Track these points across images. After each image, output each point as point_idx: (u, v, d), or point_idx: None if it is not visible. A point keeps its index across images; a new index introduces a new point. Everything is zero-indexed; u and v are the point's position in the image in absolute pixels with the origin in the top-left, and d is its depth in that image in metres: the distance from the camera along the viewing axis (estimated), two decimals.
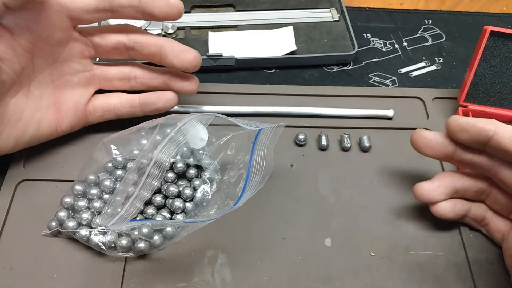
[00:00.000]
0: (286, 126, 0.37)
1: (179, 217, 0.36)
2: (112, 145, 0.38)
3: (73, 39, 0.36)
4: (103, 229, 0.34)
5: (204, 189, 0.37)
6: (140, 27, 0.49)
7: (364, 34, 0.53)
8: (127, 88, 0.40)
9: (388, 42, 0.53)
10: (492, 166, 0.32)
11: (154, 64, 0.39)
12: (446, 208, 0.35)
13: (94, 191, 0.36)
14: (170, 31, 0.49)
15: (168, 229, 0.35)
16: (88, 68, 0.38)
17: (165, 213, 0.36)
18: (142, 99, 0.40)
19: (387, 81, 0.49)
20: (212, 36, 0.50)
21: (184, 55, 0.37)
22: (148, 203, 0.36)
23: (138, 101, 0.40)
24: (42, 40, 0.34)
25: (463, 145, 0.33)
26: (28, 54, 0.34)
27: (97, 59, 0.46)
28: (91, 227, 0.34)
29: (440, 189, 0.34)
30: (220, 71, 0.48)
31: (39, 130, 0.37)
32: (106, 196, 0.36)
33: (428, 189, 0.35)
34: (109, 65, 0.40)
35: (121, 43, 0.37)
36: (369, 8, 0.56)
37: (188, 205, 0.36)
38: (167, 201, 0.37)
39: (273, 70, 0.49)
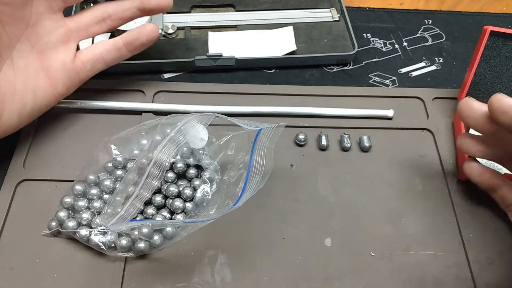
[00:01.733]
0: (286, 126, 0.37)
1: (179, 217, 0.36)
2: (112, 145, 0.38)
3: None
4: (103, 229, 0.34)
5: (204, 189, 0.37)
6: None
7: (364, 34, 0.53)
8: (106, 29, 0.40)
9: (388, 42, 0.53)
10: None
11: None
12: (476, 171, 0.34)
13: (94, 191, 0.36)
14: (170, 31, 0.49)
15: (168, 229, 0.35)
16: (61, 23, 0.38)
17: (165, 213, 0.36)
18: (124, 38, 0.40)
19: (387, 81, 0.49)
20: (212, 36, 0.50)
21: None
22: (148, 203, 0.36)
23: (121, 42, 0.40)
24: (5, 4, 0.34)
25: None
26: None
27: None
28: (91, 227, 0.34)
29: (480, 147, 0.33)
30: (220, 71, 0.48)
31: (36, 99, 0.37)
32: (106, 196, 0.36)
33: (470, 143, 0.34)
34: (80, 13, 0.40)
35: None
36: (369, 8, 0.56)
37: (188, 205, 0.36)
38: (167, 201, 0.37)
39: (273, 70, 0.49)
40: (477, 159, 0.36)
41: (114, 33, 0.49)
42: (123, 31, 0.48)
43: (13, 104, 0.35)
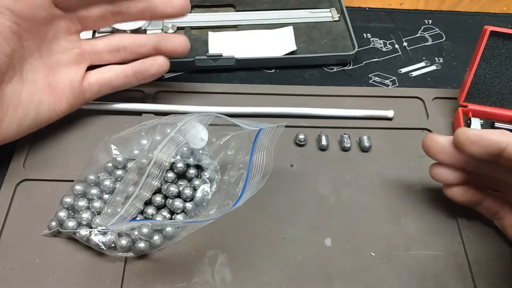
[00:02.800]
0: (286, 126, 0.37)
1: (179, 217, 0.36)
2: (112, 145, 0.38)
3: (56, 16, 0.36)
4: (103, 229, 0.34)
5: (204, 189, 0.37)
6: (140, 27, 0.49)
7: (364, 34, 0.53)
8: (118, 60, 0.40)
9: (388, 42, 0.53)
10: (507, 175, 0.32)
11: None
12: (458, 193, 0.35)
13: (94, 191, 0.36)
14: (170, 31, 0.49)
15: (168, 229, 0.35)
16: (76, 45, 0.39)
17: (165, 213, 0.36)
18: (135, 67, 0.40)
19: (387, 81, 0.49)
20: (212, 36, 0.50)
21: None
22: (148, 203, 0.36)
23: (131, 70, 0.40)
24: (26, 20, 0.34)
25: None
26: (15, 36, 0.34)
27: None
28: (91, 227, 0.34)
29: (456, 174, 0.34)
30: (220, 71, 0.48)
31: (39, 113, 0.37)
32: (106, 196, 0.36)
33: (444, 172, 0.35)
34: (97, 39, 0.40)
35: (106, 10, 0.37)
36: (369, 8, 0.56)
37: (188, 205, 0.36)
38: (167, 201, 0.37)
39: (273, 70, 0.49)
40: None
41: (113, 31, 0.49)
42: (124, 31, 0.48)
43: (15, 114, 0.35)
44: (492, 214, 0.36)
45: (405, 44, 0.52)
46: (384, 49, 0.52)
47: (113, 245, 0.34)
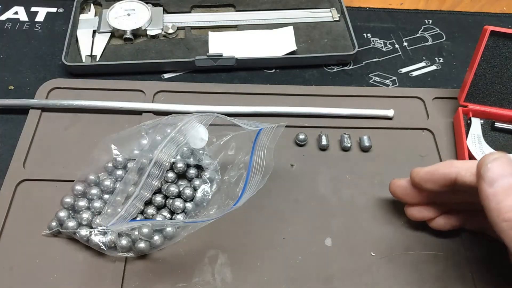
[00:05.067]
0: (286, 126, 0.37)
1: (179, 217, 0.36)
2: (112, 145, 0.38)
3: None
4: (103, 229, 0.34)
5: (204, 189, 0.37)
6: (140, 27, 0.49)
7: (364, 34, 0.53)
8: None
9: (388, 42, 0.53)
10: (471, 196, 0.32)
11: None
12: (439, 224, 0.36)
13: (94, 191, 0.36)
14: (170, 31, 0.49)
15: (168, 229, 0.35)
16: None
17: (165, 213, 0.36)
18: None
19: (387, 81, 0.49)
20: (212, 36, 0.50)
21: None
22: (148, 203, 0.36)
23: None
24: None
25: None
26: None
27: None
28: (91, 227, 0.34)
29: (429, 209, 0.35)
30: (220, 71, 0.48)
31: None
32: (106, 196, 0.36)
33: (416, 211, 0.36)
34: None
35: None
36: (369, 8, 0.56)
37: (188, 205, 0.36)
38: (167, 201, 0.37)
39: (273, 70, 0.49)
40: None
41: (114, 33, 0.49)
42: (124, 31, 0.48)
43: None
44: (480, 231, 0.36)
45: (405, 44, 0.52)
46: (384, 49, 0.52)
47: (113, 245, 0.34)
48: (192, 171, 0.38)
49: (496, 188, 0.28)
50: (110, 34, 0.49)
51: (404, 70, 0.50)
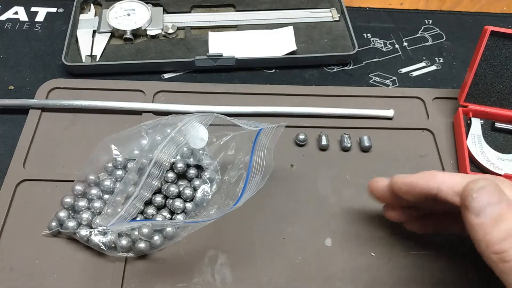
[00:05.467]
0: (286, 126, 0.37)
1: (179, 217, 0.36)
2: (112, 145, 0.38)
3: None
4: (103, 230, 0.34)
5: (204, 189, 0.37)
6: (140, 27, 0.49)
7: (364, 34, 0.53)
8: None
9: (388, 42, 0.53)
10: (450, 207, 0.30)
11: None
12: (416, 227, 0.35)
13: (94, 191, 0.36)
14: (170, 31, 0.49)
15: (168, 229, 0.35)
16: None
17: (165, 213, 0.36)
18: None
19: (387, 81, 0.49)
20: (212, 36, 0.50)
21: None
22: (148, 203, 0.36)
23: None
24: None
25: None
26: None
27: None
28: (91, 227, 0.34)
29: (406, 212, 0.34)
30: (220, 71, 0.48)
31: None
32: (106, 196, 0.36)
33: (393, 214, 0.35)
34: None
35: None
36: (369, 8, 0.56)
37: (188, 205, 0.36)
38: (167, 201, 0.37)
39: (273, 70, 0.49)
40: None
41: (114, 33, 0.49)
42: (123, 31, 0.48)
43: None
44: (462, 234, 0.33)
45: (405, 44, 0.52)
46: (384, 49, 0.52)
47: (113, 245, 0.34)
48: (192, 171, 0.38)
49: (482, 219, 0.26)
50: (110, 34, 0.49)
51: (404, 70, 0.50)
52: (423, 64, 0.51)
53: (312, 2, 0.54)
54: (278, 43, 0.49)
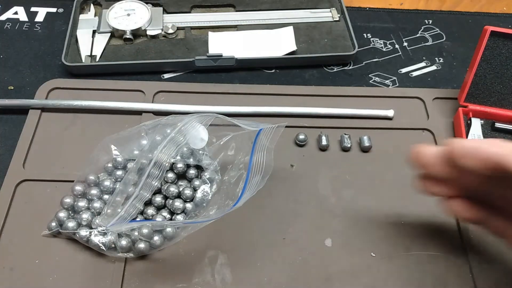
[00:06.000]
0: (286, 126, 0.37)
1: (179, 217, 0.36)
2: (112, 145, 0.38)
3: None
4: (103, 230, 0.34)
5: (204, 190, 0.37)
6: (140, 27, 0.49)
7: (364, 34, 0.53)
8: None
9: (388, 42, 0.53)
10: (508, 191, 0.28)
11: None
12: (457, 208, 0.31)
13: (94, 191, 0.36)
14: (170, 31, 0.49)
15: (168, 229, 0.35)
16: None
17: (165, 213, 0.36)
18: None
19: (387, 81, 0.49)
20: (212, 36, 0.50)
21: None
22: (148, 203, 0.36)
23: None
24: None
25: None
26: None
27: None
28: (91, 228, 0.34)
29: (449, 188, 0.31)
30: (220, 71, 0.48)
31: None
32: (106, 197, 0.36)
33: (435, 186, 0.31)
34: None
35: None
36: (369, 8, 0.56)
37: (188, 205, 0.36)
38: (167, 202, 0.37)
39: (273, 70, 0.49)
40: None
41: (114, 33, 0.49)
42: (123, 31, 0.48)
43: None
44: (499, 234, 0.32)
45: (405, 44, 0.52)
46: (384, 49, 0.52)
47: (113, 245, 0.34)
48: (192, 172, 0.38)
49: None
50: (110, 34, 0.49)
51: (404, 70, 0.50)
52: (423, 64, 0.51)
53: (312, 2, 0.54)
54: (278, 43, 0.49)
